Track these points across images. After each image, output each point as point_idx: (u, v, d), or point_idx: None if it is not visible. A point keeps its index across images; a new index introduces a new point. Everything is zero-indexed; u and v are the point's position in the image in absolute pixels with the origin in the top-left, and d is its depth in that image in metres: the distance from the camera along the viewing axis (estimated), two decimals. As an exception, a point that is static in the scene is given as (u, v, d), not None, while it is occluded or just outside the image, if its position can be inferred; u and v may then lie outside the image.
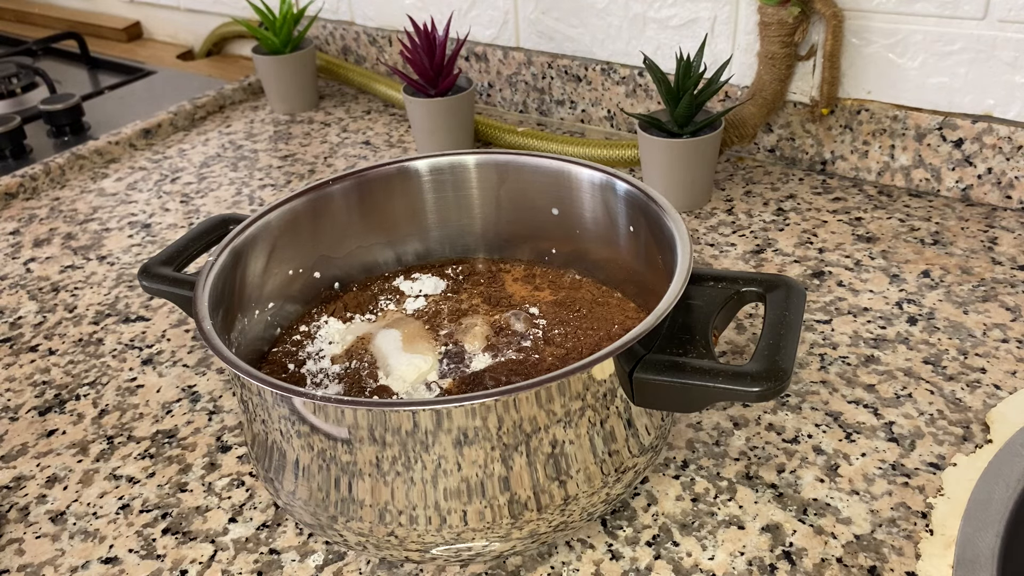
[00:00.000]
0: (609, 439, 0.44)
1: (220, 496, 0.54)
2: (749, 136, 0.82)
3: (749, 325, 0.64)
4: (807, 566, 0.46)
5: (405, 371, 0.53)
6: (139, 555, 0.50)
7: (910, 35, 0.75)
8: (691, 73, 0.75)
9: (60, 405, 0.63)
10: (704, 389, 0.43)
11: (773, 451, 0.53)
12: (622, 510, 0.50)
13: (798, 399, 0.57)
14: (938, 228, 0.74)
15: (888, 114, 0.79)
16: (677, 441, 0.55)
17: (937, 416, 0.55)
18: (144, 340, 0.70)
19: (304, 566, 0.49)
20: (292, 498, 0.46)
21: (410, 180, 0.62)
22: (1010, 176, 0.75)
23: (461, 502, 0.42)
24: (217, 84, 1.19)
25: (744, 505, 0.50)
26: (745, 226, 0.77)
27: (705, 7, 0.85)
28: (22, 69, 1.25)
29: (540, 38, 0.99)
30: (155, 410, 0.62)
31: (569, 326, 0.57)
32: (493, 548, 0.44)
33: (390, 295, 0.62)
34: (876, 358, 0.60)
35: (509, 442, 0.41)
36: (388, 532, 0.43)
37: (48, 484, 0.56)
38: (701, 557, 0.47)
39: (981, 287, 0.66)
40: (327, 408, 0.41)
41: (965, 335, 0.61)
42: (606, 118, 0.98)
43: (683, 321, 0.48)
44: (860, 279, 0.69)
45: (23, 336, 0.72)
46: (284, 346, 0.58)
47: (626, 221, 0.57)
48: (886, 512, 0.49)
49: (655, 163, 0.78)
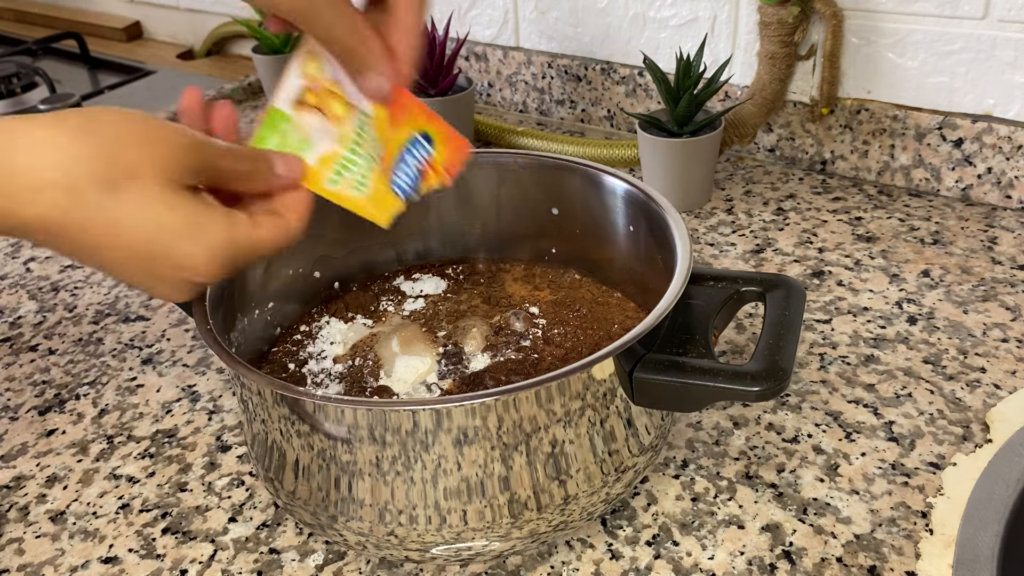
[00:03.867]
0: (609, 439, 0.44)
1: (220, 496, 0.54)
2: (749, 136, 0.82)
3: (749, 325, 0.64)
4: (807, 566, 0.46)
5: (404, 372, 0.53)
6: (139, 555, 0.50)
7: (910, 35, 0.75)
8: (691, 73, 0.75)
9: (60, 405, 0.63)
10: (704, 389, 0.43)
11: (773, 451, 0.53)
12: (622, 510, 0.50)
13: (798, 399, 0.57)
14: (938, 228, 0.74)
15: (888, 114, 0.79)
16: (677, 441, 0.55)
17: (937, 416, 0.55)
18: (144, 340, 0.70)
19: (304, 566, 0.49)
20: (292, 498, 0.46)
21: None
22: (1010, 176, 0.75)
23: (461, 502, 0.42)
24: (217, 84, 1.19)
25: (744, 505, 0.50)
26: (745, 226, 0.77)
27: (705, 7, 0.85)
28: (22, 69, 1.25)
29: (540, 38, 0.99)
30: (155, 410, 0.62)
31: (569, 326, 0.57)
32: (493, 548, 0.44)
33: (391, 295, 0.62)
34: (876, 358, 0.60)
35: (509, 442, 0.41)
36: (388, 532, 0.43)
37: (48, 484, 0.56)
38: (701, 557, 0.47)
39: (981, 287, 0.66)
40: (327, 408, 0.41)
41: (965, 335, 0.61)
42: (606, 118, 0.98)
43: (683, 321, 0.48)
44: (860, 279, 0.69)
45: (23, 336, 0.72)
46: (284, 346, 0.58)
47: (626, 221, 0.57)
48: (886, 512, 0.49)
49: (655, 163, 0.78)
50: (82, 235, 0.35)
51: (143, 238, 0.36)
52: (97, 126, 0.35)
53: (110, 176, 0.35)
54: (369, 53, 0.44)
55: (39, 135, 0.35)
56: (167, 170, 0.36)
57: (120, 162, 0.35)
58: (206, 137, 0.40)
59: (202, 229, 0.37)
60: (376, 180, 0.48)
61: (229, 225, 0.39)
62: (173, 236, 0.37)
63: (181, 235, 0.37)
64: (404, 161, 0.49)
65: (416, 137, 0.49)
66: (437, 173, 0.51)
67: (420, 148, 0.50)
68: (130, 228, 0.36)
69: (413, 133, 0.49)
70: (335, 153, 0.46)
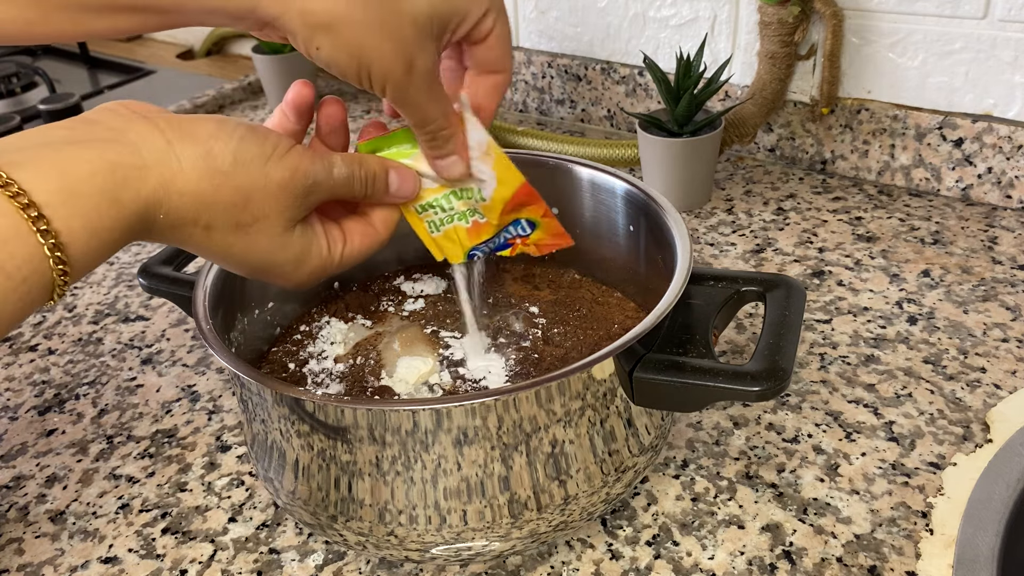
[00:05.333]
0: (609, 439, 0.44)
1: (220, 496, 0.54)
2: (749, 135, 0.82)
3: (749, 325, 0.64)
4: (807, 566, 0.46)
5: (405, 372, 0.53)
6: (139, 555, 0.50)
7: (910, 34, 0.75)
8: (691, 72, 0.75)
9: (59, 404, 0.63)
10: (704, 389, 0.43)
11: (773, 451, 0.53)
12: (622, 510, 0.50)
13: (798, 399, 0.57)
14: (938, 228, 0.74)
15: (888, 113, 0.79)
16: (677, 441, 0.55)
17: (937, 416, 0.55)
18: (144, 340, 0.70)
19: (304, 566, 0.49)
20: (292, 498, 0.46)
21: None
22: (1010, 175, 0.75)
23: (461, 502, 0.42)
24: (217, 83, 1.19)
25: (744, 505, 0.50)
26: (745, 225, 0.77)
27: (705, 6, 0.85)
28: (22, 68, 1.25)
29: (540, 37, 0.99)
30: (155, 410, 0.62)
31: (569, 325, 0.57)
32: (493, 548, 0.44)
33: (391, 295, 0.62)
34: (876, 358, 0.60)
35: (509, 442, 0.41)
36: (388, 532, 0.43)
37: (48, 484, 0.56)
38: (701, 557, 0.47)
39: (981, 287, 0.66)
40: (327, 408, 0.41)
41: (965, 335, 0.61)
42: (606, 117, 0.98)
43: (683, 320, 0.48)
44: (860, 279, 0.69)
45: (22, 335, 0.72)
46: (284, 346, 0.58)
47: (626, 221, 0.57)
48: (886, 512, 0.49)
49: (655, 163, 0.78)
50: (203, 252, 0.41)
51: (255, 263, 0.41)
52: (248, 169, 0.39)
53: (242, 221, 0.39)
54: (454, 136, 0.45)
55: (203, 163, 0.38)
56: (288, 219, 0.41)
57: (254, 207, 0.39)
58: (329, 172, 0.42)
59: (306, 262, 0.43)
60: (456, 232, 0.48)
61: (328, 254, 0.44)
62: (280, 267, 0.42)
63: (286, 267, 0.42)
64: (496, 236, 0.49)
65: (521, 220, 0.49)
66: (526, 246, 0.51)
67: (519, 227, 0.50)
68: (245, 257, 0.41)
69: (522, 218, 0.49)
70: (439, 187, 0.47)
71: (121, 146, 0.36)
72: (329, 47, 0.40)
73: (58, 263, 0.33)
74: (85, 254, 0.35)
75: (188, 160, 0.37)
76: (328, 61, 0.41)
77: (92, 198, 0.34)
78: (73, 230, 0.34)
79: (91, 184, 0.34)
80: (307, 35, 0.40)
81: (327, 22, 0.39)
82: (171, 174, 0.37)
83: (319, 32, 0.39)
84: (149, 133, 0.37)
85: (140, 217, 0.36)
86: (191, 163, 0.37)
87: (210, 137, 0.38)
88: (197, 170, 0.37)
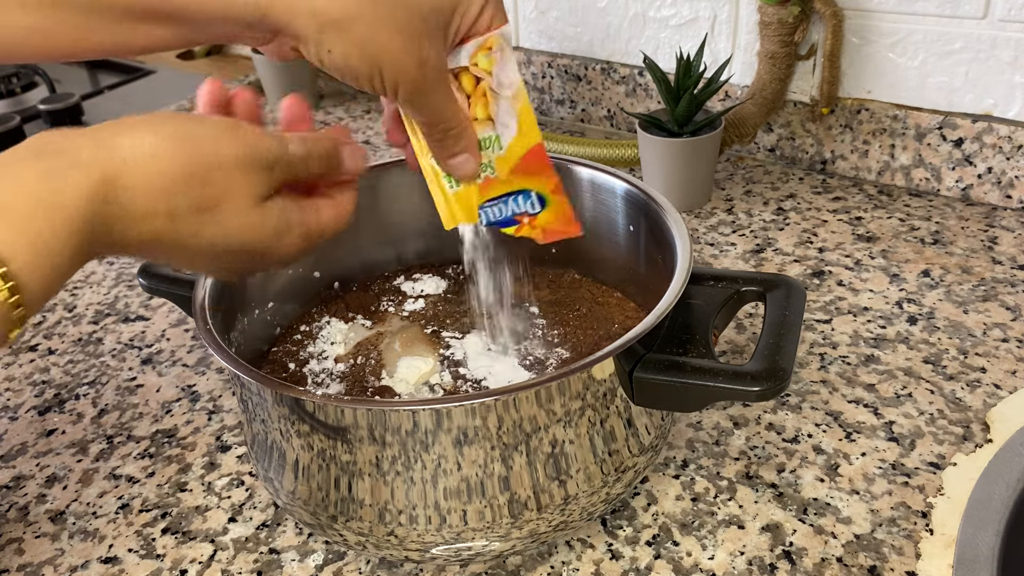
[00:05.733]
0: (609, 439, 0.44)
1: (220, 496, 0.54)
2: (749, 135, 0.82)
3: (749, 325, 0.64)
4: (807, 566, 0.46)
5: (406, 372, 0.53)
6: (139, 555, 0.50)
7: (910, 34, 0.75)
8: (691, 72, 0.75)
9: (59, 404, 0.63)
10: (704, 389, 0.43)
11: (773, 451, 0.53)
12: (622, 510, 0.50)
13: (798, 399, 0.57)
14: (938, 228, 0.74)
15: (888, 113, 0.79)
16: (677, 441, 0.55)
17: (937, 416, 0.55)
18: (144, 340, 0.70)
19: (304, 566, 0.49)
20: (292, 498, 0.46)
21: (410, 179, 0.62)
22: (1010, 175, 0.75)
23: (461, 502, 0.42)
24: (217, 83, 1.19)
25: (744, 505, 0.50)
26: (745, 225, 0.77)
27: (705, 6, 0.85)
28: (22, 68, 1.25)
29: (540, 37, 0.99)
30: (155, 410, 0.62)
31: (569, 326, 0.57)
32: (493, 548, 0.44)
33: (391, 295, 0.62)
34: (876, 358, 0.60)
35: (509, 442, 0.41)
36: (388, 532, 0.43)
37: (48, 484, 0.56)
38: (701, 557, 0.47)
39: (981, 287, 0.66)
40: (327, 408, 0.41)
41: (965, 335, 0.61)
42: (606, 117, 0.98)
43: (683, 320, 0.48)
44: (860, 279, 0.69)
45: (22, 335, 0.72)
46: (284, 346, 0.58)
47: (626, 221, 0.57)
48: (886, 512, 0.49)
49: (655, 163, 0.78)
50: (179, 251, 0.39)
51: (235, 249, 0.40)
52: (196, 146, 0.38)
53: (205, 203, 0.38)
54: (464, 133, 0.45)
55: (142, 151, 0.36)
56: (254, 195, 0.39)
57: (215, 186, 0.38)
58: (284, 147, 0.41)
59: (286, 235, 0.41)
60: (470, 191, 0.48)
61: (305, 224, 0.42)
62: (261, 246, 0.40)
63: (268, 244, 0.41)
64: (505, 201, 0.49)
65: (531, 193, 0.49)
66: (532, 228, 0.50)
67: (529, 202, 0.49)
68: (222, 243, 0.39)
69: (532, 189, 0.49)
70: None
71: (53, 154, 0.35)
72: (340, 48, 0.39)
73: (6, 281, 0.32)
74: (33, 270, 0.33)
75: (127, 151, 0.36)
76: (340, 64, 0.40)
77: (27, 207, 0.33)
78: (10, 242, 0.32)
79: (22, 193, 0.33)
80: (318, 38, 0.39)
81: (338, 19, 0.39)
82: (113, 168, 0.35)
83: (330, 31, 0.39)
84: (82, 137, 0.36)
85: (89, 220, 0.35)
86: (131, 153, 0.36)
87: (147, 127, 0.37)
88: (139, 159, 0.36)
